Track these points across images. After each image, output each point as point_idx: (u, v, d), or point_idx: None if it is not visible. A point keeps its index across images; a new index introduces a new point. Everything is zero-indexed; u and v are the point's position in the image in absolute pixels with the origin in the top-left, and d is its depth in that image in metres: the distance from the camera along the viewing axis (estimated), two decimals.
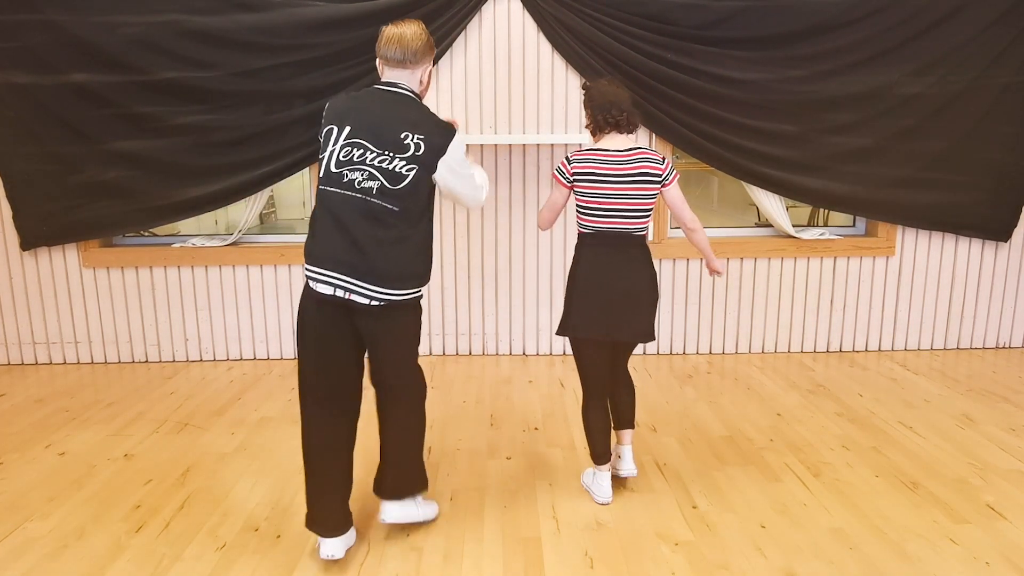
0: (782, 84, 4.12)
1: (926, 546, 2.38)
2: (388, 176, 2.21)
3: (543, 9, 4.07)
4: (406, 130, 2.23)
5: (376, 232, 2.21)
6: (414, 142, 2.23)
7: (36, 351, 4.43)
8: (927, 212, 4.35)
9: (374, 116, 2.26)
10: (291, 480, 2.87)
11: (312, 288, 2.26)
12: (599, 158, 2.52)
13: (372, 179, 2.21)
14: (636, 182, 2.50)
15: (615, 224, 2.52)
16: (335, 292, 2.22)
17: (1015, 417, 3.46)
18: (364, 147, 2.22)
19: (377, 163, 2.21)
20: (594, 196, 2.51)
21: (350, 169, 2.22)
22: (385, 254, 2.22)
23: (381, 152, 2.22)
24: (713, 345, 4.54)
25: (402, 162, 2.22)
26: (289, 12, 3.92)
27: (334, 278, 2.22)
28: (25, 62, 3.93)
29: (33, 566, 2.31)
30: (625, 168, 2.50)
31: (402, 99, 2.30)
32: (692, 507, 2.64)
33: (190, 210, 4.21)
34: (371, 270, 2.21)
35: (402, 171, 2.22)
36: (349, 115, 2.26)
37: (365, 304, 2.23)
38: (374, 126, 2.24)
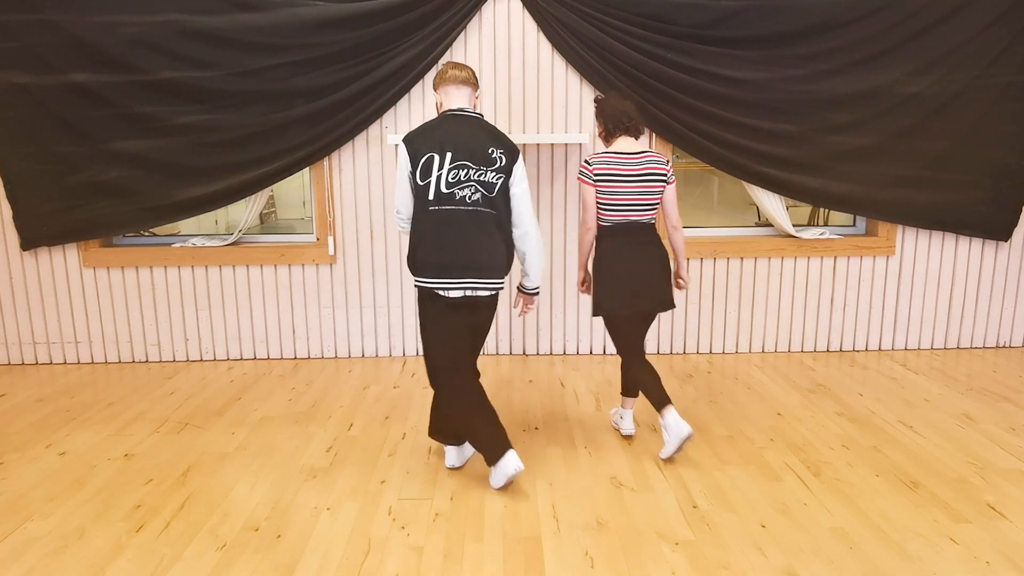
0: (782, 83, 4.12)
1: (926, 545, 2.38)
2: (485, 186, 2.68)
3: (543, 9, 4.07)
4: (492, 146, 2.70)
5: (487, 235, 2.69)
6: (499, 155, 2.70)
7: (36, 351, 4.43)
8: (927, 211, 4.35)
9: (467, 138, 2.68)
10: (291, 479, 2.88)
11: (442, 295, 2.70)
12: (615, 160, 2.92)
13: (476, 191, 2.68)
14: (646, 180, 2.91)
15: (631, 216, 2.93)
16: (465, 294, 2.70)
17: (1015, 416, 3.46)
18: (467, 167, 2.66)
19: (477, 177, 2.67)
20: (613, 194, 2.91)
21: (459, 188, 2.66)
22: (492, 252, 2.71)
23: (478, 167, 2.67)
24: (713, 345, 4.54)
25: (492, 173, 2.69)
26: (289, 12, 3.92)
27: (462, 284, 2.68)
28: (25, 62, 3.93)
29: (33, 566, 2.31)
30: (637, 168, 2.91)
31: (477, 120, 2.76)
32: (692, 507, 2.64)
33: (190, 210, 4.21)
34: (487, 268, 2.70)
35: (493, 180, 2.69)
36: (447, 143, 2.66)
37: (487, 297, 2.75)
38: (469, 147, 2.67)
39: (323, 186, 4.29)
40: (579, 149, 4.28)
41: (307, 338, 4.47)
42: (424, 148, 2.66)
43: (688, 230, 4.54)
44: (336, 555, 2.35)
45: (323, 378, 4.11)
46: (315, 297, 4.42)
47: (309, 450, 3.15)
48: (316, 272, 4.40)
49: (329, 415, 3.54)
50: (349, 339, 4.47)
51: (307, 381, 4.06)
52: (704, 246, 4.40)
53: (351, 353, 4.49)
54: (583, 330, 4.49)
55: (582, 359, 4.42)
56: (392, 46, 4.04)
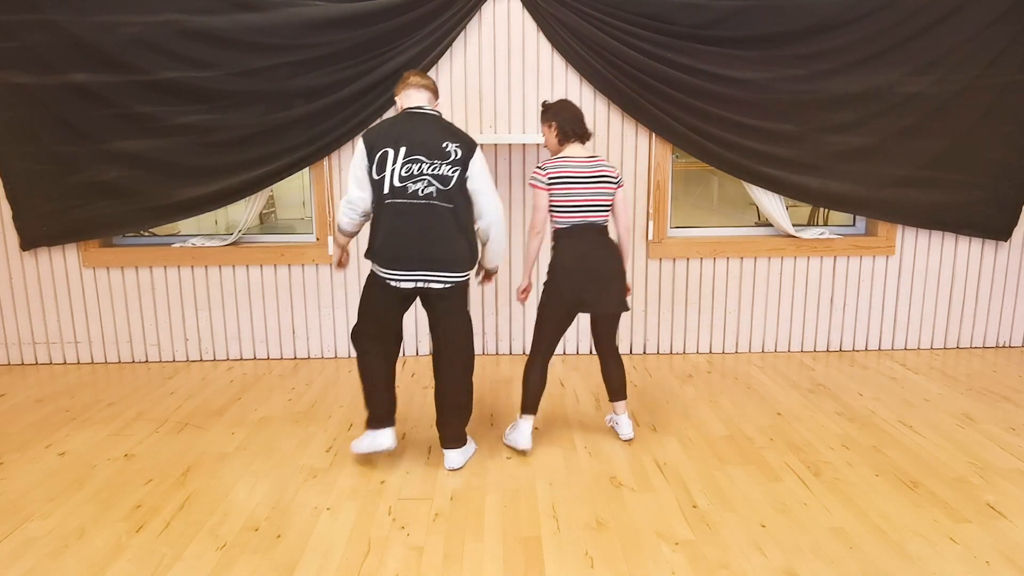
0: (782, 83, 4.12)
1: (926, 545, 2.38)
2: (440, 180, 2.73)
3: (543, 9, 4.07)
4: (447, 140, 2.75)
5: (443, 229, 2.74)
6: (453, 149, 2.75)
7: (36, 351, 4.43)
8: (927, 211, 4.35)
9: (421, 133, 2.75)
10: (291, 479, 2.88)
11: (394, 286, 2.78)
12: (569, 163, 2.99)
13: (430, 185, 2.73)
14: (599, 182, 2.99)
15: (586, 218, 2.98)
16: (416, 285, 2.78)
17: (1015, 416, 3.46)
18: (421, 161, 2.72)
19: (430, 171, 2.72)
20: (568, 196, 2.96)
21: (413, 182, 2.72)
22: (450, 247, 2.76)
23: (432, 161, 2.72)
24: (713, 344, 4.54)
25: (447, 166, 2.74)
26: (289, 12, 3.92)
27: (414, 276, 2.76)
28: (25, 62, 3.93)
29: (33, 566, 2.31)
30: (590, 172, 2.99)
31: (432, 118, 2.82)
32: (692, 506, 2.64)
33: (190, 210, 4.21)
34: (441, 261, 2.75)
35: (448, 173, 2.74)
36: (402, 138, 2.73)
37: (440, 289, 2.79)
38: (423, 142, 2.73)
39: (323, 186, 4.29)
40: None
41: (307, 338, 4.47)
42: (379, 143, 2.73)
43: (688, 230, 4.55)
44: (336, 555, 2.35)
45: (323, 378, 4.10)
46: (315, 297, 4.42)
47: (309, 450, 3.15)
48: (316, 272, 4.40)
49: (329, 415, 3.54)
50: (349, 339, 4.46)
51: (307, 381, 4.06)
52: (704, 246, 4.40)
53: (351, 353, 4.49)
54: (583, 331, 4.49)
55: (582, 359, 4.42)
56: (392, 46, 4.04)
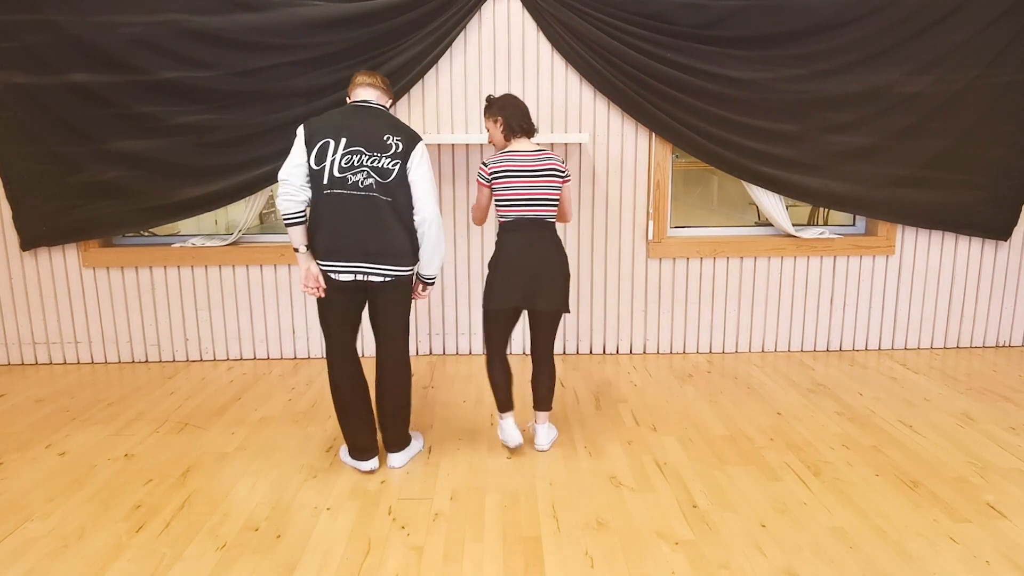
0: (782, 83, 4.12)
1: (926, 545, 2.38)
2: (380, 172, 2.71)
3: (543, 8, 4.07)
4: (388, 133, 2.74)
5: (381, 221, 2.71)
6: (394, 142, 2.73)
7: (36, 351, 4.43)
8: (927, 211, 4.35)
9: (363, 126, 2.73)
10: (291, 479, 2.88)
11: (333, 279, 2.77)
12: (514, 158, 2.97)
13: (369, 176, 2.71)
14: (546, 176, 2.96)
15: (531, 212, 2.95)
16: (355, 278, 2.75)
17: (1015, 416, 3.46)
18: (361, 152, 2.70)
19: (370, 163, 2.70)
20: (512, 189, 2.93)
21: (352, 173, 2.70)
22: (388, 239, 2.73)
23: (372, 153, 2.70)
24: (713, 344, 4.54)
25: (387, 159, 2.72)
26: (289, 12, 3.92)
27: (353, 267, 2.73)
28: (25, 62, 3.93)
29: (33, 566, 2.31)
30: (536, 165, 2.96)
31: (377, 111, 2.81)
32: (692, 506, 2.64)
33: (190, 210, 4.21)
34: (383, 253, 2.73)
35: (388, 166, 2.71)
36: (343, 129, 2.72)
37: (380, 281, 2.77)
38: (365, 134, 2.72)
39: None
40: (579, 149, 4.28)
41: (307, 338, 4.47)
42: (320, 133, 2.71)
43: (688, 229, 4.55)
44: (336, 555, 2.36)
45: (323, 378, 4.10)
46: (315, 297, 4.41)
47: (309, 450, 3.15)
48: None
49: (329, 415, 3.54)
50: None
51: (307, 381, 4.06)
52: (704, 245, 4.40)
53: None
54: (583, 330, 4.49)
55: (582, 359, 4.42)
56: (392, 46, 4.04)
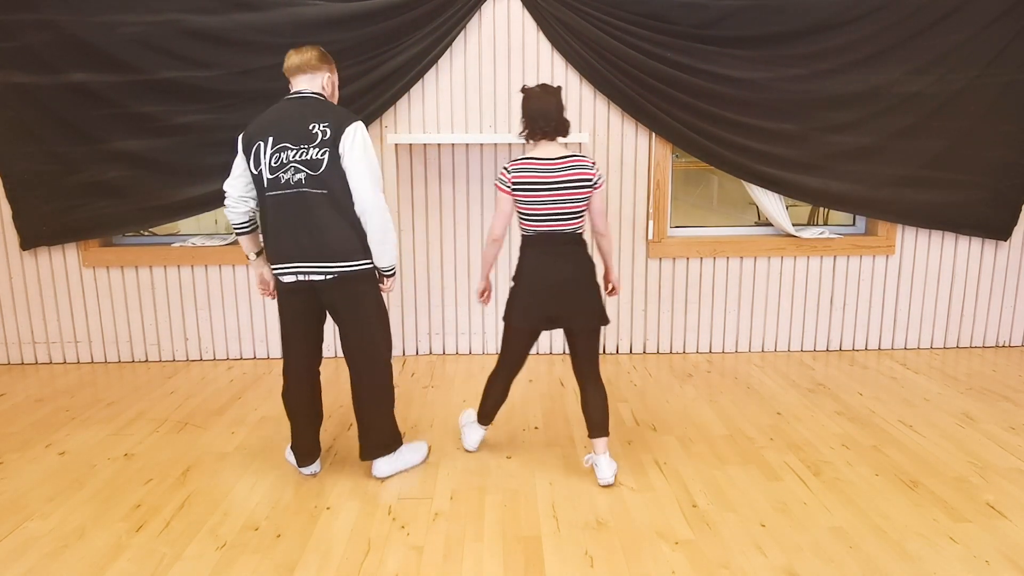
0: (782, 83, 4.12)
1: (926, 545, 2.38)
2: (308, 165, 2.54)
3: (543, 8, 4.07)
4: (313, 121, 2.55)
5: (315, 217, 2.56)
6: (320, 129, 2.54)
7: (36, 351, 4.43)
8: (927, 211, 4.35)
9: (289, 120, 2.58)
10: (291, 479, 2.88)
11: (281, 281, 2.68)
12: (534, 167, 2.68)
13: (298, 172, 2.55)
14: (569, 188, 2.67)
15: (554, 227, 2.70)
16: (297, 278, 2.63)
17: (1015, 415, 3.46)
18: (287, 148, 2.55)
19: (298, 157, 2.55)
20: (533, 203, 2.68)
21: (283, 171, 2.56)
22: (327, 234, 2.57)
23: (298, 147, 2.54)
24: (713, 344, 4.54)
25: (315, 149, 2.54)
26: (289, 11, 3.92)
27: (293, 268, 2.62)
28: (25, 62, 3.93)
29: (33, 566, 2.31)
30: (558, 176, 2.67)
31: (309, 100, 2.63)
32: (692, 506, 2.64)
33: (190, 209, 4.21)
34: (319, 250, 2.58)
35: (317, 156, 2.54)
36: (271, 128, 2.58)
37: (322, 280, 2.62)
38: (290, 128, 2.56)
39: None
40: (579, 148, 4.28)
41: None
42: (254, 137, 2.60)
43: (688, 229, 4.55)
44: (336, 555, 2.36)
45: (322, 378, 4.08)
46: None
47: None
48: None
49: (328, 415, 3.54)
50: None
51: None
52: (704, 245, 4.40)
53: None
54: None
55: None
56: (392, 45, 4.04)
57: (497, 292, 4.29)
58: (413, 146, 4.27)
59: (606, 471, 2.78)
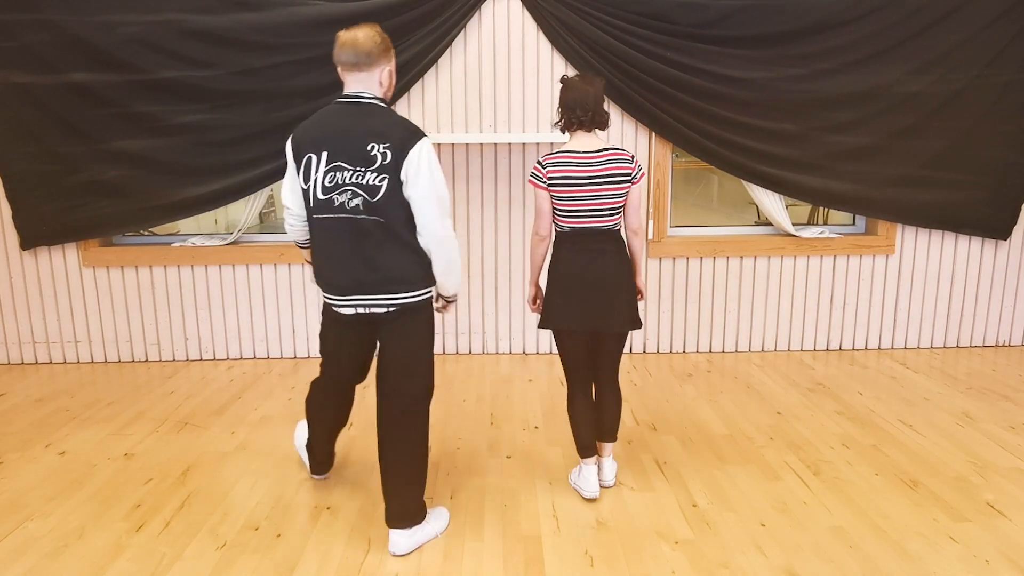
0: (782, 82, 4.12)
1: (926, 544, 2.38)
2: (366, 190, 2.26)
3: (543, 8, 4.07)
4: (372, 141, 2.25)
5: (372, 246, 2.30)
6: (380, 152, 2.24)
7: (36, 350, 4.43)
8: (927, 210, 4.35)
9: (345, 135, 2.28)
10: (291, 479, 2.88)
11: (336, 311, 2.44)
12: (570, 161, 2.54)
13: (355, 196, 2.27)
14: (606, 183, 2.54)
15: (589, 223, 2.57)
16: (357, 311, 2.38)
17: (1015, 415, 3.46)
18: (343, 168, 2.27)
19: (353, 180, 2.26)
20: (568, 199, 2.55)
21: (338, 193, 2.28)
22: (387, 264, 2.31)
23: (354, 168, 2.26)
24: (713, 343, 4.54)
25: (373, 174, 2.25)
26: (289, 11, 3.92)
27: (352, 301, 2.36)
28: (24, 62, 3.93)
29: (33, 565, 2.31)
30: (596, 170, 2.54)
31: (365, 109, 2.31)
32: (692, 505, 2.64)
33: (190, 209, 4.21)
34: (379, 283, 2.32)
35: (375, 183, 2.25)
36: (325, 142, 2.29)
37: (383, 313, 2.37)
38: (346, 146, 2.27)
39: None
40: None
41: (307, 337, 4.47)
42: (304, 147, 2.33)
43: (688, 229, 4.55)
44: (336, 554, 2.36)
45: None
46: (315, 296, 4.42)
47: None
48: None
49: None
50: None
51: (307, 380, 4.05)
52: (704, 245, 4.40)
53: None
54: None
55: None
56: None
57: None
58: None
59: (608, 472, 2.76)
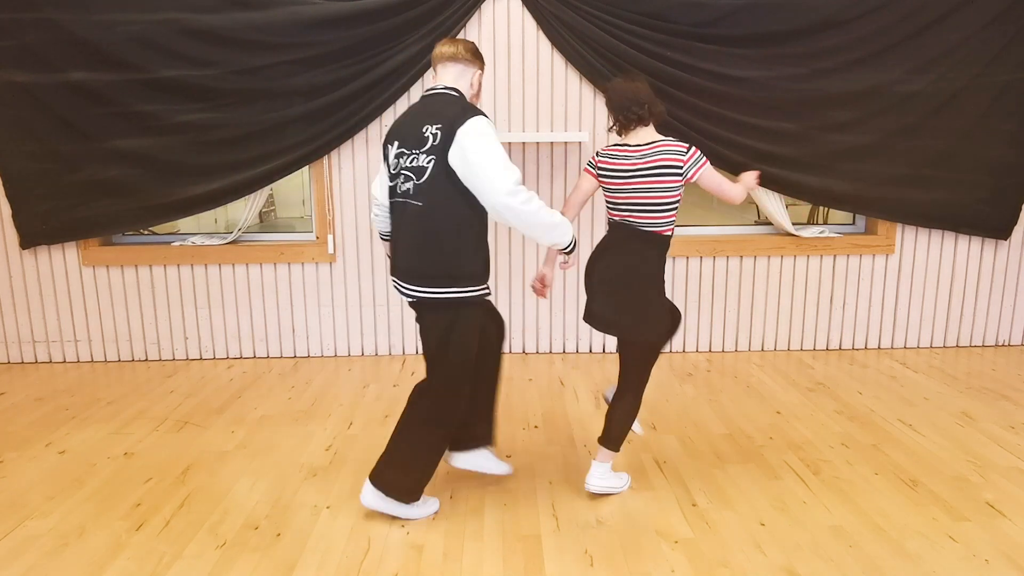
0: (782, 82, 4.12)
1: (925, 544, 2.38)
2: (415, 172, 2.27)
3: (543, 7, 4.07)
4: (427, 123, 2.25)
5: (409, 232, 2.33)
6: (432, 132, 2.23)
7: (36, 350, 4.43)
8: (927, 210, 4.35)
9: (411, 121, 2.32)
10: (291, 478, 2.88)
11: None
12: (617, 153, 2.55)
13: (408, 181, 2.30)
14: (650, 176, 2.46)
15: (627, 218, 2.55)
16: (401, 294, 2.42)
17: (1014, 415, 3.46)
18: (404, 153, 2.32)
19: (408, 164, 2.29)
20: (609, 191, 2.59)
21: (401, 180, 2.34)
22: (416, 250, 2.32)
23: (410, 152, 2.28)
24: (713, 343, 4.54)
25: (423, 155, 2.25)
26: (288, 10, 3.92)
27: (397, 284, 2.42)
28: (24, 61, 3.93)
29: (33, 564, 2.31)
30: (639, 163, 2.48)
31: (439, 97, 2.33)
32: (692, 505, 2.64)
33: (190, 208, 4.21)
34: (406, 270, 2.36)
35: (423, 164, 2.24)
36: (399, 130, 2.37)
37: (411, 301, 2.41)
38: (409, 131, 2.31)
39: (322, 184, 4.29)
40: (579, 148, 4.28)
41: (307, 337, 4.47)
42: (388, 137, 2.42)
43: (687, 228, 4.54)
44: (336, 553, 2.36)
45: (323, 377, 4.11)
46: (315, 296, 4.42)
47: (309, 449, 3.15)
48: (316, 270, 4.40)
49: (329, 414, 3.54)
50: (349, 338, 4.47)
51: (307, 380, 4.06)
52: (704, 244, 4.40)
53: (351, 352, 4.49)
54: (583, 328, 4.48)
55: (582, 357, 4.42)
56: (391, 44, 4.04)
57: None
58: None
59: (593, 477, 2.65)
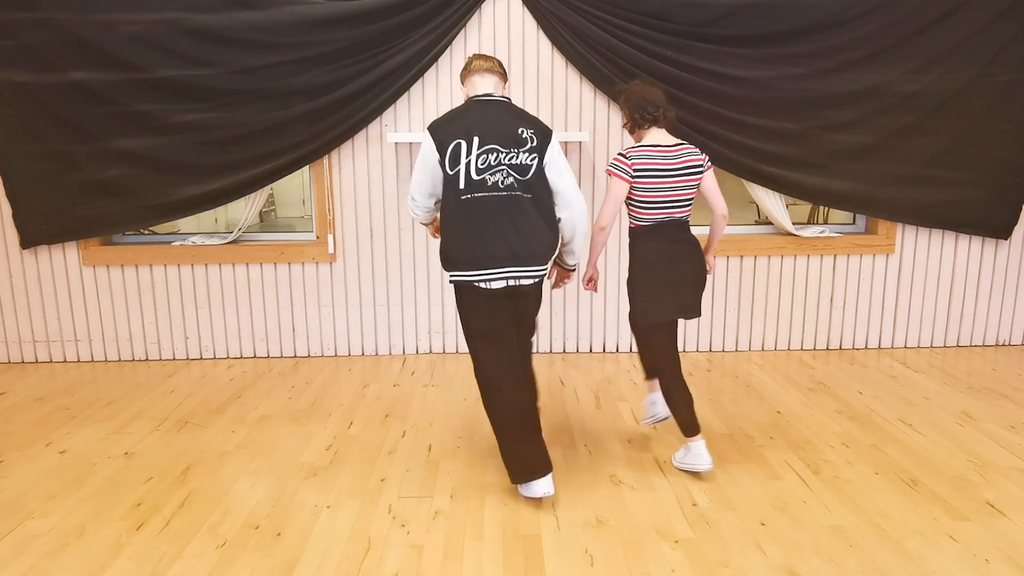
0: (782, 81, 4.12)
1: (926, 543, 2.38)
2: (518, 169, 2.57)
3: (543, 7, 4.07)
4: (521, 126, 2.59)
5: (523, 221, 2.56)
6: (529, 135, 2.58)
7: (36, 349, 4.43)
8: (927, 210, 4.35)
9: (494, 121, 2.59)
10: (291, 478, 2.88)
11: (483, 287, 2.57)
12: (655, 154, 2.70)
13: (508, 176, 2.56)
14: (685, 173, 2.72)
15: (672, 214, 2.75)
16: (508, 283, 2.58)
17: (1015, 414, 3.46)
18: (497, 150, 2.55)
19: (508, 160, 2.55)
20: (654, 191, 2.70)
21: (491, 173, 2.54)
22: (536, 239, 2.59)
23: (508, 150, 2.55)
24: (713, 343, 4.54)
25: (525, 154, 2.57)
26: (289, 10, 3.92)
27: (504, 272, 2.56)
28: (25, 60, 3.93)
29: (33, 564, 2.31)
30: (676, 163, 2.71)
31: (505, 104, 2.67)
32: (692, 504, 2.64)
33: (190, 208, 4.21)
34: (528, 256, 2.57)
35: (527, 162, 2.57)
36: (475, 128, 2.56)
37: (529, 285, 2.63)
38: (498, 129, 2.57)
39: (323, 184, 4.29)
40: (579, 147, 4.28)
41: (307, 336, 4.47)
42: (451, 135, 2.55)
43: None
44: (336, 553, 2.36)
45: (323, 376, 4.11)
46: (315, 295, 4.42)
47: (309, 448, 3.15)
48: (316, 270, 4.40)
49: (329, 413, 3.54)
50: (349, 337, 4.47)
51: (307, 379, 4.06)
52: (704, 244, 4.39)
53: (351, 351, 4.49)
54: (583, 328, 4.49)
55: (582, 357, 4.42)
56: (391, 44, 4.04)
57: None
58: (413, 144, 4.27)
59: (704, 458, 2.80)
